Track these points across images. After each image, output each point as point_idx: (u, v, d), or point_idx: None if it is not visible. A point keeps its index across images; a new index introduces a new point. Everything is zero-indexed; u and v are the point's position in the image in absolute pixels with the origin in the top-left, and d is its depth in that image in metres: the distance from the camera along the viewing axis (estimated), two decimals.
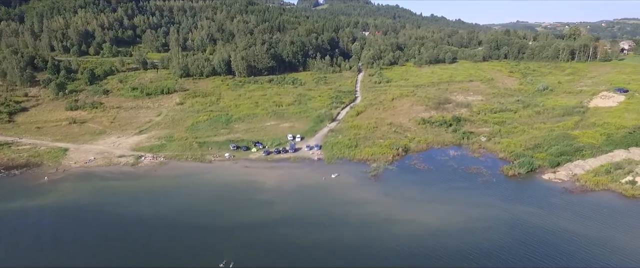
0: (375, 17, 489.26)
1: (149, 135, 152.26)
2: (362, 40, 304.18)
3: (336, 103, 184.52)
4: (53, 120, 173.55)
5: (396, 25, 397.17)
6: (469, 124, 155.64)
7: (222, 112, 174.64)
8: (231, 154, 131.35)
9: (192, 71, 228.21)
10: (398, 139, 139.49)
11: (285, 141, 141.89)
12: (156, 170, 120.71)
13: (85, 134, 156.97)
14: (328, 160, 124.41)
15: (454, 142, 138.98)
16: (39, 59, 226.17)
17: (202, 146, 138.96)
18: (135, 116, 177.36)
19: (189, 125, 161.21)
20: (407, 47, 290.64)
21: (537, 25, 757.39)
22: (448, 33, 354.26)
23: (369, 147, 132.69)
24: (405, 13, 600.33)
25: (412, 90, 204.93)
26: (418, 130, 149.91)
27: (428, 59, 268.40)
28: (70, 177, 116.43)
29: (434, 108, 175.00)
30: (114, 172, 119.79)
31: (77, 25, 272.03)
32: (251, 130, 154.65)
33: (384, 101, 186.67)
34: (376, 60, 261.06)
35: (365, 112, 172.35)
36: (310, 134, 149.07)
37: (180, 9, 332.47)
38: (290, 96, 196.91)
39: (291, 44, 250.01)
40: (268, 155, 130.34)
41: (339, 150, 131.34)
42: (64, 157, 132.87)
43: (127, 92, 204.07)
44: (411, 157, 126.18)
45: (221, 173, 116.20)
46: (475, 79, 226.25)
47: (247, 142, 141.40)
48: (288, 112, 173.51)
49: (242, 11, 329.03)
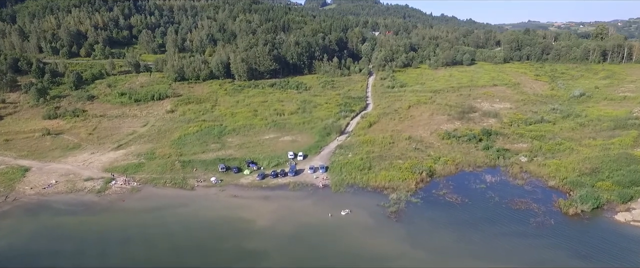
0: (385, 16, 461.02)
1: (127, 151, 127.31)
2: (373, 40, 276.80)
3: (345, 111, 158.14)
4: (26, 130, 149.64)
5: (407, 25, 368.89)
6: (502, 138, 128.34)
7: (216, 122, 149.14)
8: (219, 178, 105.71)
9: (187, 74, 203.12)
10: (420, 159, 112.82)
11: (285, 160, 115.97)
12: (124, 200, 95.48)
13: (56, 148, 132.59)
14: (336, 188, 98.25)
15: (488, 162, 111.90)
16: (23, 62, 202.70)
17: (186, 166, 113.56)
18: (118, 127, 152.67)
19: (175, 138, 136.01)
20: (421, 48, 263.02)
21: (549, 24, 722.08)
22: (463, 33, 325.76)
23: (385, 169, 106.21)
24: (415, 13, 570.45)
25: (430, 96, 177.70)
26: (442, 147, 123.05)
27: (444, 61, 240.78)
28: (17, 210, 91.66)
29: (458, 118, 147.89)
30: (72, 203, 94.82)
31: (69, 25, 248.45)
32: (246, 145, 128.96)
33: (400, 109, 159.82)
34: (388, 62, 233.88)
35: (379, 123, 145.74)
36: (315, 150, 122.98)
37: (181, 8, 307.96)
38: (293, 103, 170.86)
39: (296, 45, 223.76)
40: (263, 180, 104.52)
41: (349, 173, 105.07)
42: (20, 180, 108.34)
43: (115, 98, 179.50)
44: (438, 184, 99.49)
45: (202, 207, 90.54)
46: (499, 83, 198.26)
47: (239, 161, 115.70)
48: (290, 122, 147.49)
49: (245, 10, 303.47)
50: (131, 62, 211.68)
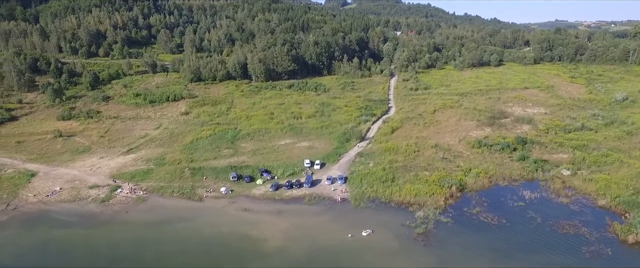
0: (407, 16, 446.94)
1: (137, 156, 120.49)
2: (394, 40, 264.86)
3: (366, 115, 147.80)
4: (39, 132, 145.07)
5: (430, 24, 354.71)
6: (539, 147, 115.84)
7: (230, 126, 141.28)
8: (229, 188, 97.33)
9: (204, 75, 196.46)
10: (448, 170, 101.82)
11: (301, 169, 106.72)
12: (128, 212, 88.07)
13: (66, 151, 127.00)
14: (355, 202, 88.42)
15: (525, 175, 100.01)
16: (43, 61, 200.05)
17: (195, 174, 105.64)
18: (130, 129, 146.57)
19: (187, 142, 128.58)
20: (445, 48, 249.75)
21: (578, 24, 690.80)
22: (489, 32, 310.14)
23: (410, 182, 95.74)
24: (438, 12, 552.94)
25: (456, 99, 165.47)
26: (473, 156, 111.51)
27: (470, 62, 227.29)
28: (16, 220, 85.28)
29: (488, 124, 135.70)
30: (74, 213, 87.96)
31: (89, 25, 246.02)
32: (260, 151, 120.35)
33: (424, 114, 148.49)
34: (411, 62, 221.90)
35: (402, 129, 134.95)
36: (333, 158, 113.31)
37: (200, 8, 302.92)
38: (311, 106, 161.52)
39: (315, 45, 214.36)
40: (276, 191, 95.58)
41: (370, 185, 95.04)
42: (25, 186, 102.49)
43: (129, 98, 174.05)
44: (470, 200, 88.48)
45: (210, 221, 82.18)
46: (530, 86, 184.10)
47: (252, 169, 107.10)
48: (307, 126, 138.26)
49: (265, 9, 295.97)
50: (148, 62, 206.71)
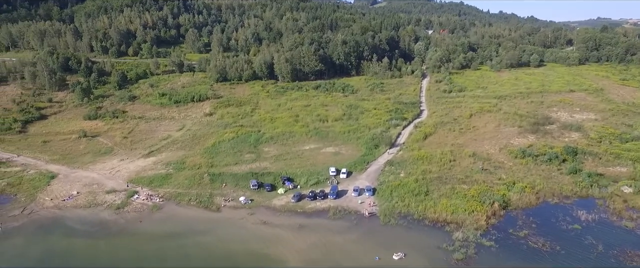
0: (439, 14, 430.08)
1: (157, 159, 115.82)
2: (426, 39, 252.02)
3: (396, 119, 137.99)
4: (65, 132, 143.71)
5: (464, 23, 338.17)
6: (592, 159, 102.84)
7: (254, 128, 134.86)
8: (249, 198, 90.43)
9: (230, 75, 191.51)
10: (489, 184, 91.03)
11: (325, 177, 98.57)
12: (142, 221, 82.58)
13: (88, 152, 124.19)
14: (385, 218, 79.42)
15: (578, 192, 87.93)
16: (74, 61, 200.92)
17: (215, 180, 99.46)
18: (154, 130, 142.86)
19: (209, 145, 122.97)
20: (481, 48, 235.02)
21: (622, 21, 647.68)
22: (527, 31, 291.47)
23: (446, 196, 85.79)
24: (471, 10, 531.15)
25: (494, 103, 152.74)
26: (516, 168, 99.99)
27: (508, 62, 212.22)
28: (29, 227, 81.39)
29: (531, 131, 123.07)
30: (88, 221, 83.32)
31: (120, 24, 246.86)
32: (284, 156, 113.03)
33: (460, 118, 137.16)
34: (444, 63, 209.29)
35: (436, 135, 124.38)
36: (361, 166, 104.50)
37: (229, 7, 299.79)
38: (338, 108, 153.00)
39: (343, 44, 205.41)
40: (299, 202, 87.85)
41: (402, 199, 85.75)
42: (44, 189, 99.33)
43: (155, 98, 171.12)
44: (515, 220, 77.72)
45: (225, 236, 75.31)
46: (576, 89, 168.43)
47: (274, 177, 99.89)
48: (333, 131, 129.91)
49: (293, 8, 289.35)
50: (175, 62, 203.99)
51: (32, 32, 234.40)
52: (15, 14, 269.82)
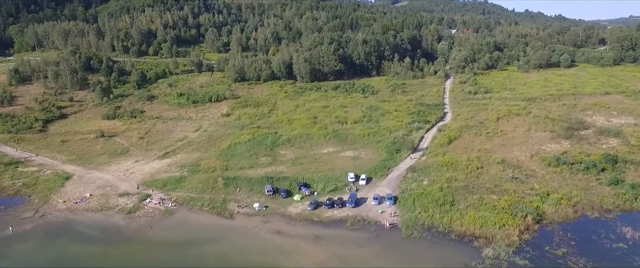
0: (462, 13, 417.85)
1: (172, 161, 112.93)
2: (450, 38, 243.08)
3: (418, 122, 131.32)
4: (83, 131, 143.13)
5: (489, 22, 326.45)
6: (634, 168, 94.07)
7: (271, 130, 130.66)
8: (263, 204, 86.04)
9: (248, 75, 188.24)
10: (520, 194, 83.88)
11: (344, 184, 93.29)
12: (152, 227, 79.19)
13: (104, 153, 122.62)
14: (407, 231, 73.59)
15: (621, 205, 79.90)
16: (95, 60, 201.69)
17: (229, 185, 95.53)
18: (170, 130, 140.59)
19: (224, 147, 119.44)
20: (507, 47, 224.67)
21: None
22: (557, 29, 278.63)
23: (474, 207, 79.23)
24: (496, 8, 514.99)
25: (523, 105, 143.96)
26: (549, 177, 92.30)
27: (537, 62, 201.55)
28: (39, 231, 79.19)
29: (565, 136, 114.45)
30: (97, 226, 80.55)
31: (141, 24, 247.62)
32: (300, 160, 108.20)
33: (486, 122, 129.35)
34: (469, 63, 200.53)
35: (461, 139, 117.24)
36: (381, 172, 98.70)
37: (249, 6, 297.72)
38: (358, 109, 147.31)
39: (364, 44, 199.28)
40: (315, 210, 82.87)
41: (425, 209, 79.68)
42: (58, 190, 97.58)
43: (173, 98, 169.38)
44: (551, 236, 70.65)
45: (237, 246, 70.99)
46: (612, 91, 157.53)
47: (290, 182, 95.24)
48: (353, 133, 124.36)
49: (313, 7, 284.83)
50: (194, 61, 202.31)
51: (57, 32, 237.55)
52: (41, 15, 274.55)
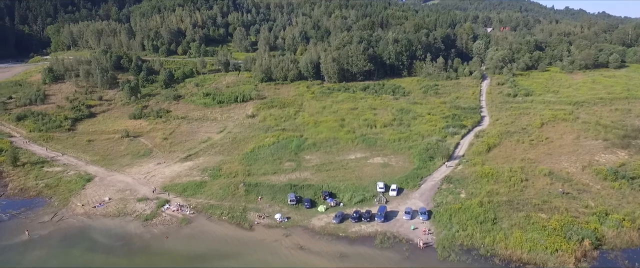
0: (498, 10, 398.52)
1: (194, 164, 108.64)
2: (486, 37, 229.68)
3: (454, 126, 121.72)
4: (109, 131, 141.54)
5: (528, 19, 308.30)
6: None
7: (296, 133, 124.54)
8: (285, 215, 79.77)
9: (275, 74, 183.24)
10: (574, 213, 73.69)
11: (372, 195, 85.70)
12: (168, 237, 74.45)
13: (128, 154, 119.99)
14: (444, 252, 65.37)
15: None
16: (125, 59, 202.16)
17: (251, 191, 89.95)
18: (194, 131, 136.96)
19: (248, 151, 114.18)
20: (549, 46, 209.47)
21: None
22: (603, 27, 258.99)
23: (519, 226, 69.91)
24: (533, 6, 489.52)
25: (569, 110, 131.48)
26: (606, 193, 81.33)
27: (582, 62, 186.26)
28: (55, 237, 76.07)
29: (621, 145, 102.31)
30: (113, 233, 76.62)
31: (171, 23, 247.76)
32: (326, 166, 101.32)
33: (529, 128, 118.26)
34: (507, 63, 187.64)
35: (501, 147, 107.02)
36: (413, 182, 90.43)
37: (277, 5, 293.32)
38: (388, 112, 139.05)
39: (395, 43, 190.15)
40: (341, 224, 75.82)
41: (463, 227, 71.07)
42: (78, 193, 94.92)
43: (199, 98, 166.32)
44: (613, 264, 60.75)
45: (255, 262, 65.01)
46: None
47: (314, 190, 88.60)
48: (382, 138, 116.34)
49: (342, 6, 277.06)
50: (221, 61, 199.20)
51: (90, 31, 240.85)
52: (77, 15, 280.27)
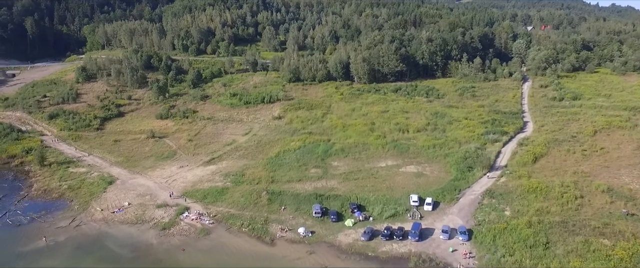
0: (539, 8, 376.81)
1: (217, 168, 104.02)
2: (526, 36, 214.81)
3: (494, 133, 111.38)
4: (136, 131, 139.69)
5: (572, 17, 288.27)
6: None
7: (323, 137, 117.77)
8: (309, 229, 73.22)
9: (303, 75, 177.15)
10: None
11: (405, 209, 77.72)
12: (185, 249, 69.56)
13: (151, 155, 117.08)
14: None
15: None
16: (155, 58, 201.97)
17: (274, 201, 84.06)
18: (220, 133, 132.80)
19: (273, 155, 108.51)
20: (598, 46, 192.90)
21: None
22: None
23: (577, 253, 60.32)
24: (576, 4, 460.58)
25: (626, 116, 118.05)
26: None
27: (637, 64, 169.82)
28: (70, 244, 72.83)
29: None
30: (129, 242, 72.63)
31: (201, 22, 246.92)
32: (354, 174, 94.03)
33: (580, 136, 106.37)
34: (551, 64, 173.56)
35: (549, 157, 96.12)
36: (451, 195, 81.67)
37: (307, 4, 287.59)
38: (421, 115, 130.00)
39: (428, 42, 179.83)
40: (370, 241, 68.47)
41: (510, 251, 62.12)
42: (99, 196, 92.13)
43: (226, 98, 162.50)
44: None
45: None
46: None
47: (341, 201, 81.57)
48: (415, 144, 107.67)
49: (373, 4, 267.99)
50: (249, 61, 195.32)
51: (123, 31, 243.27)
52: (112, 15, 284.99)
